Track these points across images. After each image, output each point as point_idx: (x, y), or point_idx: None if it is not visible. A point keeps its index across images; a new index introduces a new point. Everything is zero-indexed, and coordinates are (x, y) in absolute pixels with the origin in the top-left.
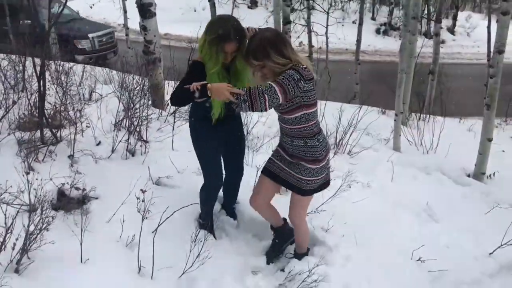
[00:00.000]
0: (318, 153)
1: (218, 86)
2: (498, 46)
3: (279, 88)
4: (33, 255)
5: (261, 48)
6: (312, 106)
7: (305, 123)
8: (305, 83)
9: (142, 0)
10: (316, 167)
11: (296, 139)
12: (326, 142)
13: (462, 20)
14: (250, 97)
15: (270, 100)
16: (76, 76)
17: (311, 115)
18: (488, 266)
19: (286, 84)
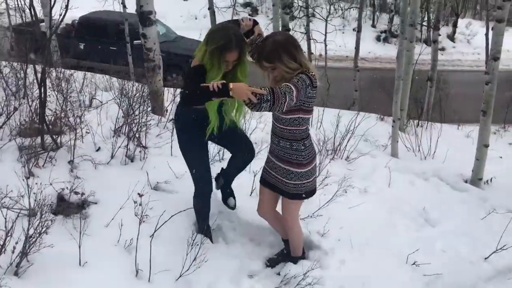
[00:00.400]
0: (302, 157)
1: (240, 86)
2: (494, 53)
3: (296, 89)
4: (32, 258)
5: (274, 51)
6: (308, 112)
7: (297, 126)
8: (311, 90)
9: (142, 8)
10: (301, 171)
11: (282, 140)
12: (312, 148)
13: (462, 27)
14: (273, 97)
15: (289, 101)
16: (77, 83)
17: (304, 120)
18: (484, 271)
19: (300, 87)
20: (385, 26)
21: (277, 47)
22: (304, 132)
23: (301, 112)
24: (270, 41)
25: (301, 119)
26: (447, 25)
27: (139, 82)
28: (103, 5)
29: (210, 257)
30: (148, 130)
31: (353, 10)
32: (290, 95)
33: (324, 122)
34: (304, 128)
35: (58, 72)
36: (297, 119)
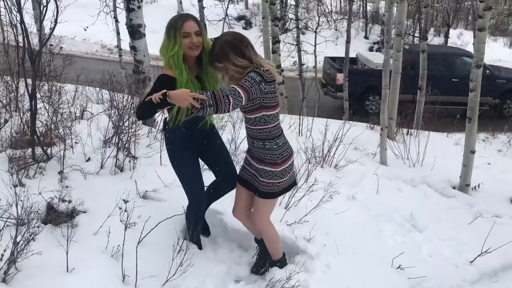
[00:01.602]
0: (276, 156)
1: (178, 93)
2: (476, 61)
3: (242, 90)
4: (20, 265)
5: (221, 51)
6: (272, 108)
7: (264, 124)
8: (266, 85)
9: (132, 22)
10: (275, 170)
11: (256, 140)
12: (286, 147)
13: (454, 37)
14: (216, 101)
15: (234, 102)
16: (68, 96)
17: (270, 117)
18: (469, 274)
19: (248, 86)
20: (377, 37)
21: (224, 47)
22: (274, 130)
23: (263, 109)
24: (218, 42)
25: (266, 117)
26: (439, 35)
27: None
28: (95, 20)
29: (196, 262)
30: (138, 140)
31: (345, 22)
32: (235, 96)
33: (313, 131)
34: (273, 126)
35: (49, 85)
36: (262, 117)
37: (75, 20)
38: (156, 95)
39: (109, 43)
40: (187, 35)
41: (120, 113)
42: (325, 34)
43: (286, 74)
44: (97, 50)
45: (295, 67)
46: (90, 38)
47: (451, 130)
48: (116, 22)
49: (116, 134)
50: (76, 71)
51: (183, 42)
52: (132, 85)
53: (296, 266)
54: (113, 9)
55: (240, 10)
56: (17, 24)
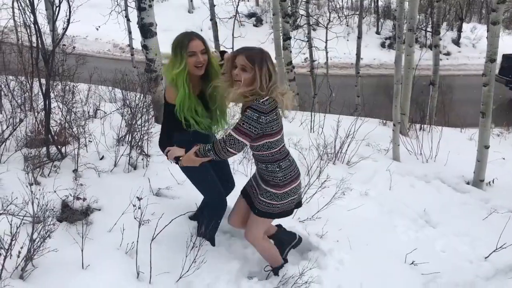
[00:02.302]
0: (278, 178)
1: (188, 159)
2: (490, 55)
3: (241, 136)
4: (37, 262)
5: (261, 57)
6: (275, 135)
7: (267, 150)
8: (266, 116)
9: (143, 21)
10: (277, 192)
11: (259, 162)
12: (290, 170)
13: (468, 31)
14: (218, 156)
15: (235, 149)
16: (81, 95)
17: (273, 143)
18: (483, 270)
19: (247, 128)
20: (389, 32)
21: (265, 56)
22: (277, 154)
23: (266, 137)
24: (260, 49)
25: (269, 143)
26: (451, 30)
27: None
28: (107, 20)
29: (209, 259)
30: (151, 138)
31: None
32: (235, 146)
33: (325, 128)
34: (276, 151)
35: (63, 84)
36: (265, 144)
37: (87, 20)
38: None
39: (121, 42)
40: (193, 54)
41: (133, 112)
42: (336, 30)
43: (297, 71)
44: (109, 49)
45: (306, 64)
46: (102, 37)
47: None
48: (127, 21)
49: (129, 132)
50: (88, 70)
51: (189, 61)
52: (144, 83)
53: (309, 262)
54: (124, 8)
55: (251, 7)
56: (31, 25)
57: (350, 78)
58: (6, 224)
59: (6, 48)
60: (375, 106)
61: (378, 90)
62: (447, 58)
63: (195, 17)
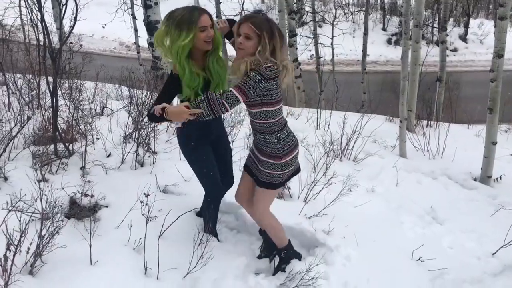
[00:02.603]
0: (277, 149)
1: (175, 110)
2: (497, 50)
3: (239, 92)
4: (46, 258)
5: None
6: (273, 104)
7: (265, 119)
8: (266, 83)
9: (149, 18)
10: (277, 162)
11: (257, 133)
12: (289, 140)
13: (475, 27)
14: (212, 110)
15: (230, 104)
16: (88, 93)
17: (271, 113)
18: (491, 266)
19: (246, 87)
20: (395, 29)
21: (272, 25)
22: (275, 125)
23: (264, 105)
24: (266, 17)
25: (267, 112)
26: (458, 25)
27: None
28: (113, 18)
29: (216, 255)
30: (157, 136)
31: (362, 14)
32: (231, 101)
33: (331, 124)
34: (274, 121)
35: (70, 82)
36: (262, 112)
37: (93, 18)
38: (157, 109)
39: (127, 40)
40: (204, 29)
41: (139, 109)
42: (342, 26)
43: (303, 68)
44: (115, 47)
45: (312, 61)
46: (108, 35)
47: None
48: (133, 19)
49: (135, 129)
50: (95, 68)
51: (199, 36)
52: (151, 81)
53: (315, 259)
54: (130, 6)
55: (256, 4)
56: (38, 23)
57: (356, 75)
58: (15, 221)
59: (14, 47)
60: (381, 103)
61: (385, 86)
62: (454, 54)
63: None
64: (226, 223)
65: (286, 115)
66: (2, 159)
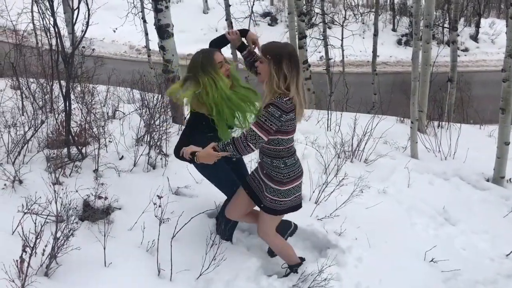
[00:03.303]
0: (282, 175)
1: (204, 155)
2: (509, 50)
3: (261, 131)
4: (61, 260)
5: (277, 50)
6: (288, 134)
7: (276, 145)
8: (286, 116)
9: (160, 22)
10: (280, 188)
11: (265, 156)
12: (295, 168)
13: (486, 27)
14: (237, 150)
15: (255, 144)
16: (100, 96)
17: (284, 141)
18: (505, 267)
19: (268, 125)
20: (405, 29)
21: (282, 51)
22: (285, 151)
23: (280, 133)
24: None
25: (281, 140)
26: (469, 25)
27: None
28: (123, 22)
29: (229, 256)
30: (169, 138)
31: (372, 15)
32: (255, 141)
33: (342, 126)
34: (284, 148)
35: (82, 86)
36: (276, 139)
37: (103, 22)
38: (186, 153)
39: (137, 44)
40: (221, 65)
41: (151, 112)
42: (352, 28)
43: (313, 69)
44: (126, 51)
45: (322, 62)
46: (119, 39)
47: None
48: (144, 22)
49: (147, 132)
50: (107, 72)
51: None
52: (162, 84)
53: (327, 260)
54: (141, 10)
55: (266, 7)
56: (51, 28)
57: (366, 76)
58: (31, 223)
59: (27, 51)
60: (392, 104)
61: (395, 87)
62: (465, 55)
63: (210, 18)
64: (238, 225)
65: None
66: (17, 162)
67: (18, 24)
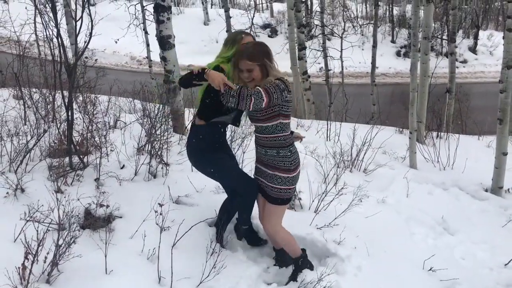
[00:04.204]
0: (290, 163)
1: (215, 74)
2: (506, 62)
3: (265, 93)
4: (62, 267)
5: (259, 51)
6: (287, 117)
7: (280, 132)
8: (288, 94)
9: (162, 33)
10: (288, 176)
11: (269, 149)
12: (297, 154)
13: (484, 39)
14: (239, 95)
15: (255, 102)
16: (102, 106)
17: (285, 126)
18: (504, 277)
19: (272, 91)
20: (404, 41)
21: (263, 48)
22: (288, 139)
23: (281, 117)
24: (254, 43)
25: (282, 125)
26: (468, 37)
27: None
28: (125, 33)
29: (229, 264)
30: (170, 148)
31: (371, 27)
32: (258, 97)
33: (341, 136)
34: (287, 134)
35: (84, 96)
36: (279, 125)
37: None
38: (195, 68)
39: (138, 55)
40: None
41: (152, 122)
42: (351, 39)
43: (313, 80)
44: (127, 62)
45: (322, 73)
46: (120, 50)
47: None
48: (145, 33)
49: (148, 142)
50: (108, 82)
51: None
52: (163, 94)
53: (327, 268)
54: (142, 21)
55: (266, 19)
56: (54, 38)
57: (365, 87)
58: (33, 231)
59: (30, 62)
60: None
61: (394, 98)
62: (463, 66)
63: (211, 29)
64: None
65: (296, 127)
66: (19, 171)
67: (22, 35)
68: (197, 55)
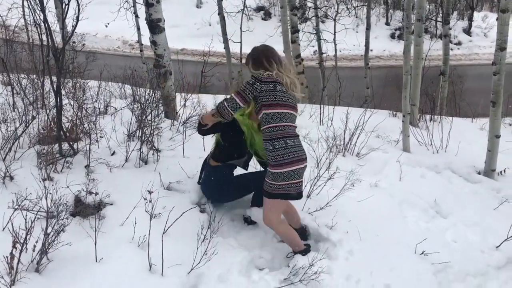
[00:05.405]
0: (270, 157)
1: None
2: (500, 43)
3: (236, 94)
4: (51, 255)
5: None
6: (270, 107)
7: (266, 123)
8: (261, 84)
9: (151, 17)
10: (275, 171)
11: (263, 140)
12: (285, 152)
13: (479, 20)
14: (220, 113)
15: (230, 105)
16: (92, 91)
17: (269, 116)
18: (495, 259)
19: (241, 89)
20: (399, 23)
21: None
22: (273, 132)
23: (264, 107)
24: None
25: (266, 115)
26: (462, 19)
27: None
28: (115, 17)
29: (220, 251)
30: (161, 133)
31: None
32: (231, 101)
33: (334, 120)
34: (273, 126)
35: (73, 81)
36: (263, 116)
37: (96, 17)
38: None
39: (130, 39)
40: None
41: (142, 107)
42: (345, 22)
43: (306, 64)
44: (119, 46)
45: (315, 56)
46: (112, 34)
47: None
48: (136, 17)
49: (139, 128)
50: (99, 67)
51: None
52: (154, 79)
53: (318, 253)
54: (133, 4)
55: (259, 1)
56: (41, 23)
57: (360, 70)
58: (21, 219)
59: (17, 47)
60: (385, 98)
61: (388, 81)
62: (458, 48)
63: (203, 12)
64: (229, 218)
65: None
66: (8, 158)
67: (9, 20)
68: (190, 39)
